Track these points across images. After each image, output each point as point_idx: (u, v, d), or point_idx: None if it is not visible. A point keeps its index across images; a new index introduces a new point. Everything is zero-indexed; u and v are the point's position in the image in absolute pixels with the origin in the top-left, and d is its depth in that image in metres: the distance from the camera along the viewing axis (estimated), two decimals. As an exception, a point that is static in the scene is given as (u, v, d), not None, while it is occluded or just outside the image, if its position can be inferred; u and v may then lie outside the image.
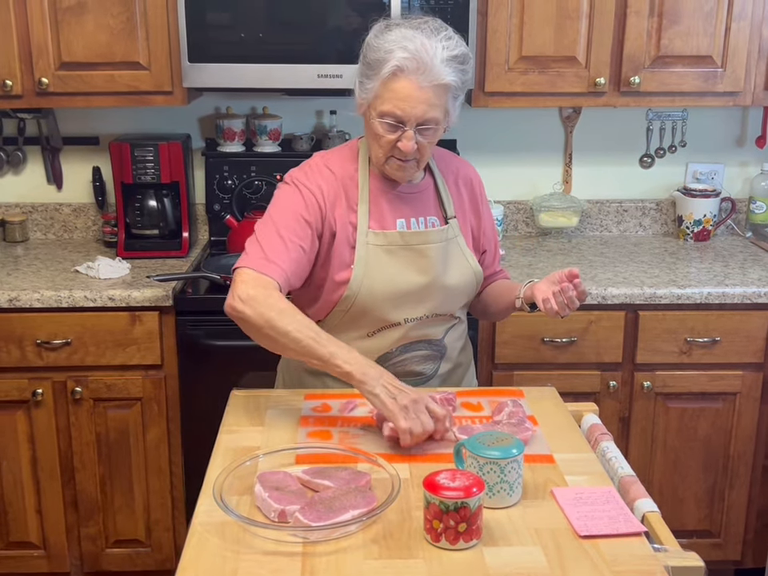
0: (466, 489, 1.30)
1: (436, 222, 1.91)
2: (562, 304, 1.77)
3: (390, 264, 1.84)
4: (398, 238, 1.85)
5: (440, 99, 1.73)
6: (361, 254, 1.82)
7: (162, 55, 2.64)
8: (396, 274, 1.84)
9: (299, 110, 3.08)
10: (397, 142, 1.75)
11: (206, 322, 2.55)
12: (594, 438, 1.69)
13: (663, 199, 3.21)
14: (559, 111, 3.13)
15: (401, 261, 1.85)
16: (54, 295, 2.52)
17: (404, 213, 1.87)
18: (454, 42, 1.74)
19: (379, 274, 1.83)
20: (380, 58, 1.71)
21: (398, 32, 1.72)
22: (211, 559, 1.30)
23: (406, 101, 1.71)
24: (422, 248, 1.86)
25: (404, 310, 1.86)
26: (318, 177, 1.84)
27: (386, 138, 1.75)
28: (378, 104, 1.74)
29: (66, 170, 3.11)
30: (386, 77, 1.71)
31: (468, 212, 1.97)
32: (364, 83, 1.76)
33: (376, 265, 1.83)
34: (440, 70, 1.70)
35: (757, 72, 2.76)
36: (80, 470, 2.64)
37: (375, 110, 1.75)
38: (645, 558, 1.30)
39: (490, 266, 2.05)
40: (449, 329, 1.94)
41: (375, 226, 1.85)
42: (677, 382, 2.65)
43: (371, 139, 1.81)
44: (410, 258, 1.85)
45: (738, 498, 2.75)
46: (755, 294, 2.58)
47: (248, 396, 1.84)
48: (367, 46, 1.76)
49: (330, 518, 1.35)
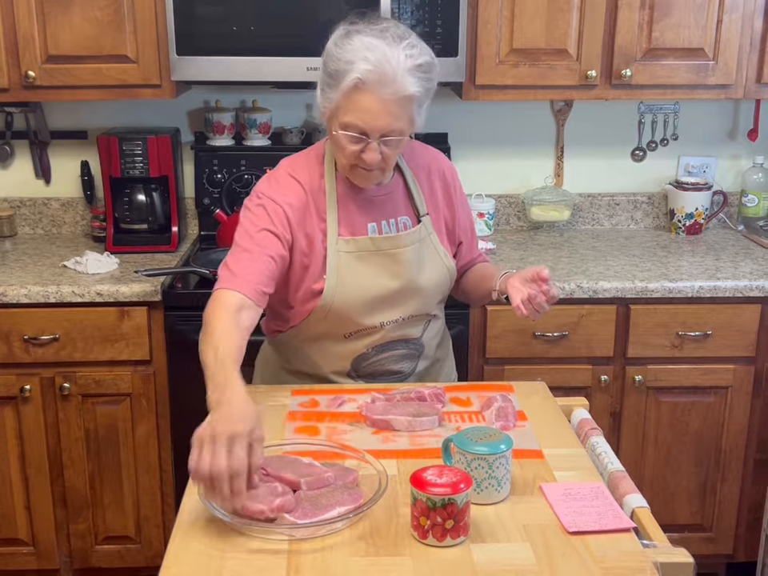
0: (453, 485, 1.29)
1: (408, 221, 1.87)
2: (531, 310, 1.74)
3: (363, 270, 1.81)
4: (369, 243, 1.82)
5: (404, 110, 1.68)
6: (332, 262, 1.79)
7: (150, 48, 2.62)
8: (369, 280, 1.81)
9: (289, 103, 3.06)
10: (361, 152, 1.70)
11: (195, 317, 2.50)
12: (584, 433, 1.68)
13: (655, 192, 3.20)
14: (550, 104, 3.12)
15: (373, 266, 1.82)
16: (41, 290, 2.50)
17: (374, 216, 1.84)
18: (418, 51, 1.67)
19: (352, 282, 1.80)
20: (341, 69, 1.65)
21: (359, 40, 1.65)
22: (196, 558, 1.28)
23: (369, 113, 1.65)
24: (394, 252, 1.83)
25: (380, 314, 1.84)
26: (285, 189, 1.79)
27: (350, 149, 1.70)
28: (341, 115, 1.68)
29: (54, 164, 3.09)
30: (347, 89, 1.65)
31: (441, 206, 1.94)
32: (326, 92, 1.71)
33: (348, 272, 1.80)
34: (403, 81, 1.64)
35: (749, 65, 2.75)
36: (69, 467, 2.63)
37: (338, 120, 1.70)
38: (634, 554, 1.29)
39: (466, 254, 2.02)
40: (426, 327, 1.93)
41: (345, 232, 1.81)
42: (668, 376, 2.64)
43: (335, 148, 1.76)
44: (382, 263, 1.82)
45: (729, 492, 2.75)
46: (747, 288, 2.58)
47: (235, 392, 1.82)
48: (327, 55, 1.70)
49: (316, 515, 1.34)
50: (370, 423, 1.67)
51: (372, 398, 1.74)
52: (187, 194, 3.09)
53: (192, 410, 2.27)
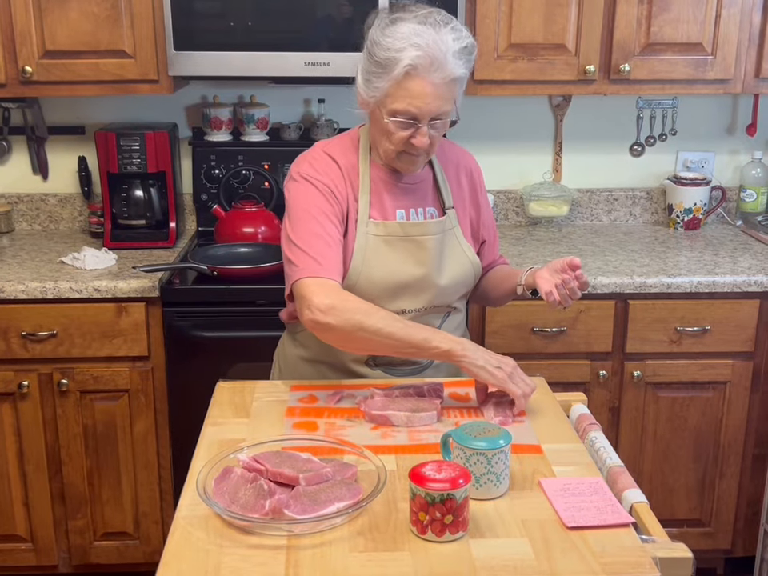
0: (451, 480, 1.29)
1: (434, 212, 1.90)
2: (564, 295, 1.78)
3: (389, 255, 1.83)
4: (397, 228, 1.84)
5: (451, 92, 1.72)
6: (360, 243, 1.81)
7: (148, 43, 2.61)
8: (395, 264, 1.83)
9: (287, 98, 3.05)
10: (410, 138, 1.73)
11: (193, 313, 2.53)
12: (583, 428, 1.67)
13: (653, 188, 3.20)
14: (549, 99, 3.11)
15: (399, 252, 1.84)
16: (39, 286, 2.49)
17: (404, 203, 1.86)
18: (462, 34, 1.71)
19: (378, 264, 1.81)
20: (390, 57, 1.66)
21: (406, 27, 1.67)
22: (194, 553, 1.28)
23: (421, 98, 1.68)
24: (421, 239, 1.85)
25: (403, 301, 1.84)
26: (325, 167, 1.81)
27: (399, 135, 1.73)
28: (389, 102, 1.70)
29: (52, 159, 3.08)
30: (399, 76, 1.67)
31: (467, 203, 1.96)
32: (372, 81, 1.72)
33: (375, 255, 1.81)
34: (453, 65, 1.67)
35: (747, 59, 2.74)
36: (67, 463, 2.63)
37: (386, 108, 1.71)
38: (633, 549, 1.29)
39: (488, 255, 2.05)
40: (445, 318, 1.94)
41: (376, 215, 1.83)
42: (667, 371, 2.64)
43: (380, 135, 1.78)
44: (408, 250, 1.84)
45: (728, 487, 2.75)
46: (745, 283, 2.58)
47: (234, 387, 1.83)
48: (374, 44, 1.70)
49: (315, 510, 1.33)
50: (368, 419, 1.67)
51: (371, 393, 1.74)
52: (185, 189, 3.09)
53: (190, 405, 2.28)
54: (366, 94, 1.74)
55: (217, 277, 2.55)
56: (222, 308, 2.53)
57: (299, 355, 1.96)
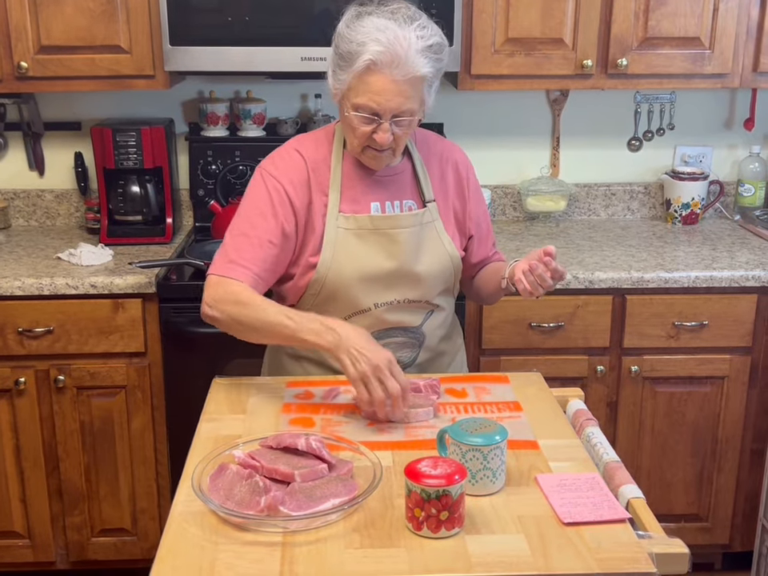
0: (447, 476, 1.28)
1: (413, 205, 1.88)
2: (533, 283, 1.73)
3: (359, 248, 1.82)
4: (367, 222, 1.83)
5: (415, 90, 1.70)
6: (330, 237, 1.81)
7: (143, 38, 2.60)
8: (364, 257, 1.82)
9: (283, 93, 3.04)
10: (372, 133, 1.73)
11: (189, 309, 2.52)
12: (579, 423, 1.67)
13: (651, 182, 3.20)
14: (546, 94, 3.10)
15: (370, 245, 1.83)
16: (35, 283, 2.49)
17: (379, 196, 1.86)
18: (429, 31, 1.69)
19: (347, 258, 1.81)
20: (352, 50, 1.67)
21: (370, 22, 1.67)
22: (189, 550, 1.28)
23: (381, 94, 1.68)
24: (392, 233, 1.84)
25: (373, 294, 1.84)
26: (286, 164, 1.83)
27: (361, 129, 1.74)
28: (352, 96, 1.72)
29: (48, 155, 3.07)
30: (359, 70, 1.68)
31: (452, 195, 1.94)
32: (337, 73, 1.73)
33: (344, 248, 1.81)
34: (415, 62, 1.66)
35: (745, 53, 2.74)
36: (64, 459, 2.62)
37: (349, 101, 1.73)
38: (629, 545, 1.29)
39: (480, 250, 2.01)
40: (427, 317, 1.92)
41: (347, 209, 1.83)
42: (664, 367, 2.64)
43: (346, 128, 1.79)
44: (379, 243, 1.83)
45: (726, 482, 2.75)
46: (743, 278, 2.57)
47: (230, 384, 1.82)
48: (339, 36, 1.72)
49: (310, 507, 1.33)
50: (364, 415, 1.67)
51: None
52: (182, 185, 3.08)
53: (187, 401, 2.28)
54: (333, 86, 1.76)
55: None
56: (218, 304, 2.52)
57: (285, 352, 1.96)
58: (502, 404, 1.73)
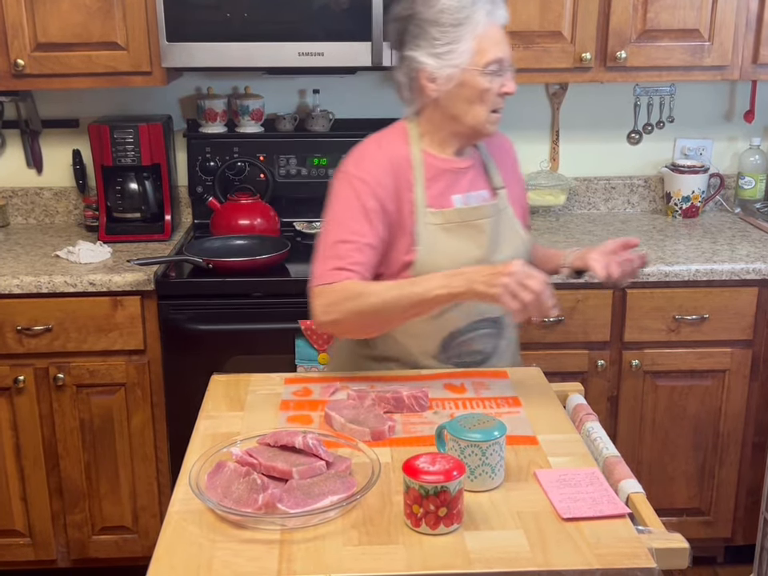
0: (445, 473, 1.28)
1: (486, 195, 1.91)
2: (624, 273, 1.83)
3: (450, 241, 1.83)
4: (455, 215, 1.85)
5: None
6: (422, 234, 1.81)
7: (140, 35, 2.59)
8: (456, 250, 1.83)
9: (281, 89, 3.03)
10: (502, 87, 1.78)
11: (188, 306, 2.51)
12: (579, 418, 1.66)
13: (651, 176, 3.18)
14: (545, 87, 3.09)
15: (459, 237, 1.84)
16: (34, 281, 2.48)
17: (459, 188, 1.87)
18: None
19: (441, 253, 1.82)
20: (467, 15, 1.74)
21: None
22: (187, 548, 1.27)
23: (501, 43, 1.78)
24: (478, 223, 1.86)
25: None
26: (370, 166, 1.81)
27: (493, 88, 1.78)
28: (479, 58, 1.76)
29: (46, 153, 3.07)
30: (481, 28, 1.75)
31: (512, 180, 1.99)
32: (454, 50, 1.76)
33: (437, 243, 1.82)
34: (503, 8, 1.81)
35: (744, 45, 2.72)
36: (64, 457, 2.62)
37: (478, 65, 1.76)
38: (629, 540, 1.28)
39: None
40: None
41: (433, 204, 1.84)
42: (665, 360, 2.63)
43: (468, 104, 1.79)
44: (467, 234, 1.85)
45: (727, 475, 2.74)
46: (743, 271, 2.56)
47: (228, 381, 1.82)
48: (442, 12, 1.75)
49: (308, 504, 1.32)
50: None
51: (347, 394, 1.71)
52: (180, 182, 3.07)
53: (187, 398, 2.28)
54: (447, 68, 1.77)
55: (212, 269, 2.53)
56: (217, 301, 2.52)
57: (367, 354, 1.93)
58: (501, 399, 1.72)
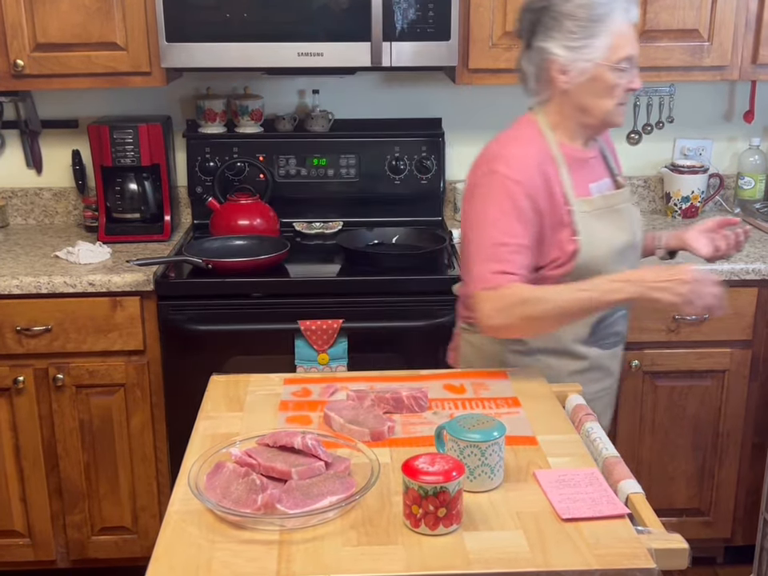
0: (445, 473, 1.27)
1: (609, 182, 1.98)
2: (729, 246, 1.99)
3: (603, 227, 1.88)
4: (601, 201, 1.90)
5: None
6: (579, 223, 1.84)
7: (140, 35, 2.59)
8: (610, 235, 1.89)
9: (281, 89, 3.03)
10: (629, 83, 1.83)
11: (188, 307, 2.51)
12: (578, 418, 1.66)
13: (651, 176, 3.18)
14: (545, 88, 3.09)
15: (608, 223, 1.90)
16: (33, 281, 2.48)
17: (592, 177, 1.93)
18: None
19: (599, 239, 1.86)
20: (605, 11, 1.78)
21: None
22: (186, 549, 1.27)
23: (633, 41, 1.82)
24: (620, 208, 1.95)
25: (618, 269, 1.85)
26: (520, 164, 1.81)
27: (622, 84, 1.82)
28: (612, 54, 1.79)
29: (46, 153, 3.07)
30: (618, 25, 1.78)
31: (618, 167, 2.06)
32: (589, 45, 1.78)
33: (594, 231, 1.86)
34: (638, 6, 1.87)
35: (744, 45, 2.72)
36: (64, 458, 2.62)
37: (611, 60, 1.79)
38: (628, 540, 1.28)
39: None
40: None
41: (579, 193, 1.87)
42: (665, 361, 2.63)
43: (597, 98, 1.83)
44: (612, 220, 1.91)
45: (727, 475, 2.74)
46: (743, 271, 2.56)
47: (228, 381, 1.82)
48: (581, 7, 1.77)
49: (307, 504, 1.32)
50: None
51: (347, 395, 1.71)
52: (179, 182, 3.07)
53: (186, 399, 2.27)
54: (580, 62, 1.80)
55: (212, 270, 2.53)
56: (217, 301, 2.51)
57: (517, 350, 1.93)
58: (501, 400, 1.72)
